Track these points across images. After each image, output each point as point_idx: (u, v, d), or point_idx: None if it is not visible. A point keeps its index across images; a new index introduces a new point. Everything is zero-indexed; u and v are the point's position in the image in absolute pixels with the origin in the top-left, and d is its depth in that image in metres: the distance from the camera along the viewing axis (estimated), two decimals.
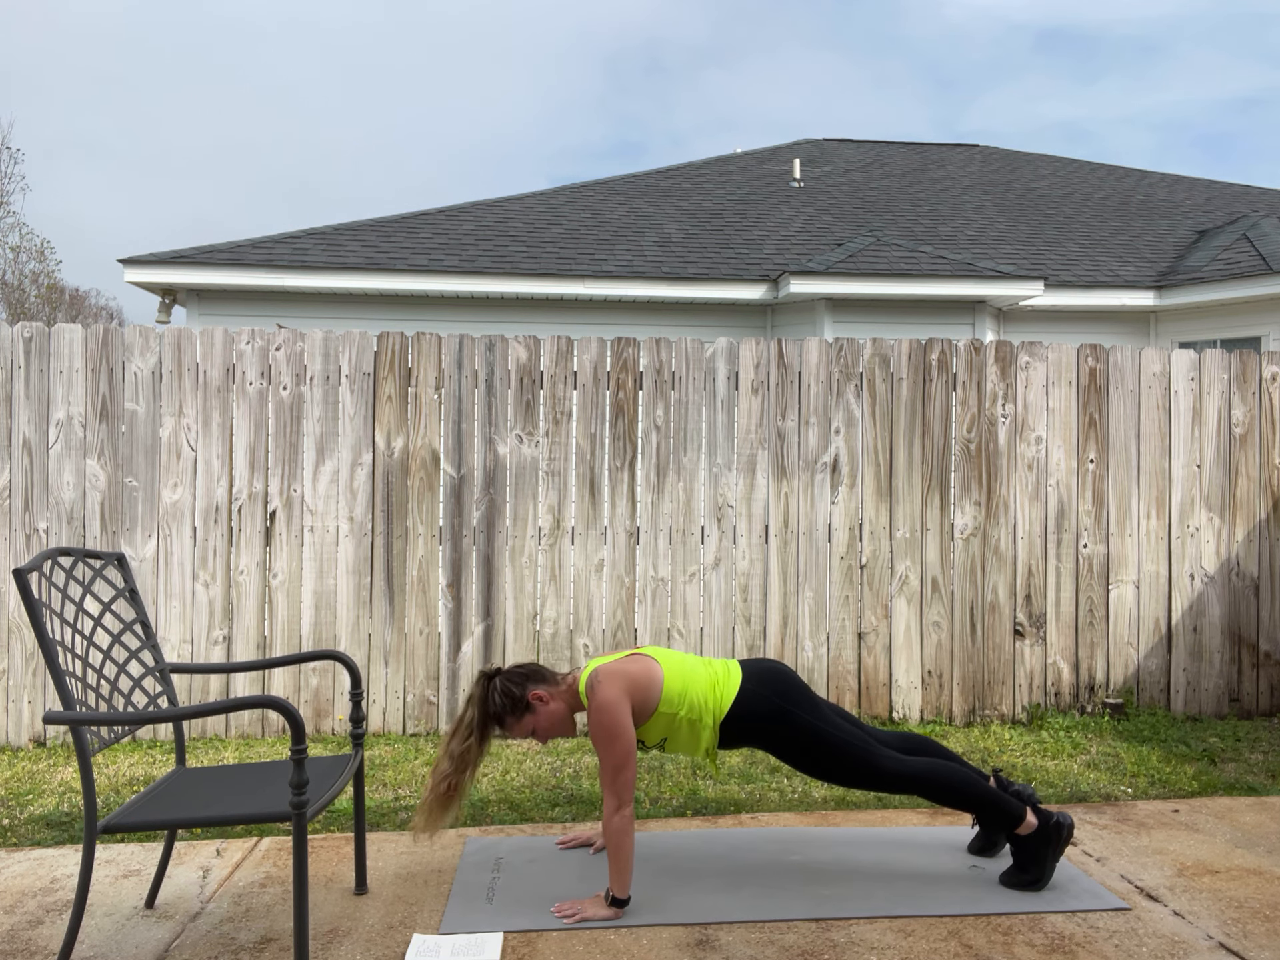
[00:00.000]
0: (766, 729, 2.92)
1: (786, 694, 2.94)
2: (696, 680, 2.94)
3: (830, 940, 2.67)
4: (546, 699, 2.92)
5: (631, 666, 2.90)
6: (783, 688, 2.96)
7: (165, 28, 69.43)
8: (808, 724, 2.91)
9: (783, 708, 2.92)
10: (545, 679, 2.96)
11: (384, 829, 3.52)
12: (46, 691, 4.57)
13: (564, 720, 2.95)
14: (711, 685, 2.94)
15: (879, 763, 2.92)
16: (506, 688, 2.89)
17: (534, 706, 2.91)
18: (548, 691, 2.93)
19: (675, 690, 2.90)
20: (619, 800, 2.74)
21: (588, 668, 2.97)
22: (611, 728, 2.77)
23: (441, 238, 8.95)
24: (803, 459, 4.92)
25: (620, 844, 2.74)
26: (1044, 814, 2.96)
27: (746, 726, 2.92)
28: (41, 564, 2.52)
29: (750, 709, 2.92)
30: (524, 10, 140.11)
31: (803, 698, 2.96)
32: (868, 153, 13.56)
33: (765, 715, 2.91)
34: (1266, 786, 3.99)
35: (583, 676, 2.94)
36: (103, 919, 2.82)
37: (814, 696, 3.00)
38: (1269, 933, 2.72)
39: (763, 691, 2.94)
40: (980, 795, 2.95)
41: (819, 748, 2.91)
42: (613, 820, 2.73)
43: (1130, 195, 11.82)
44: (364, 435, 4.73)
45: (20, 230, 28.17)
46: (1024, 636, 5.02)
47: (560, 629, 4.81)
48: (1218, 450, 5.16)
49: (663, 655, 3.01)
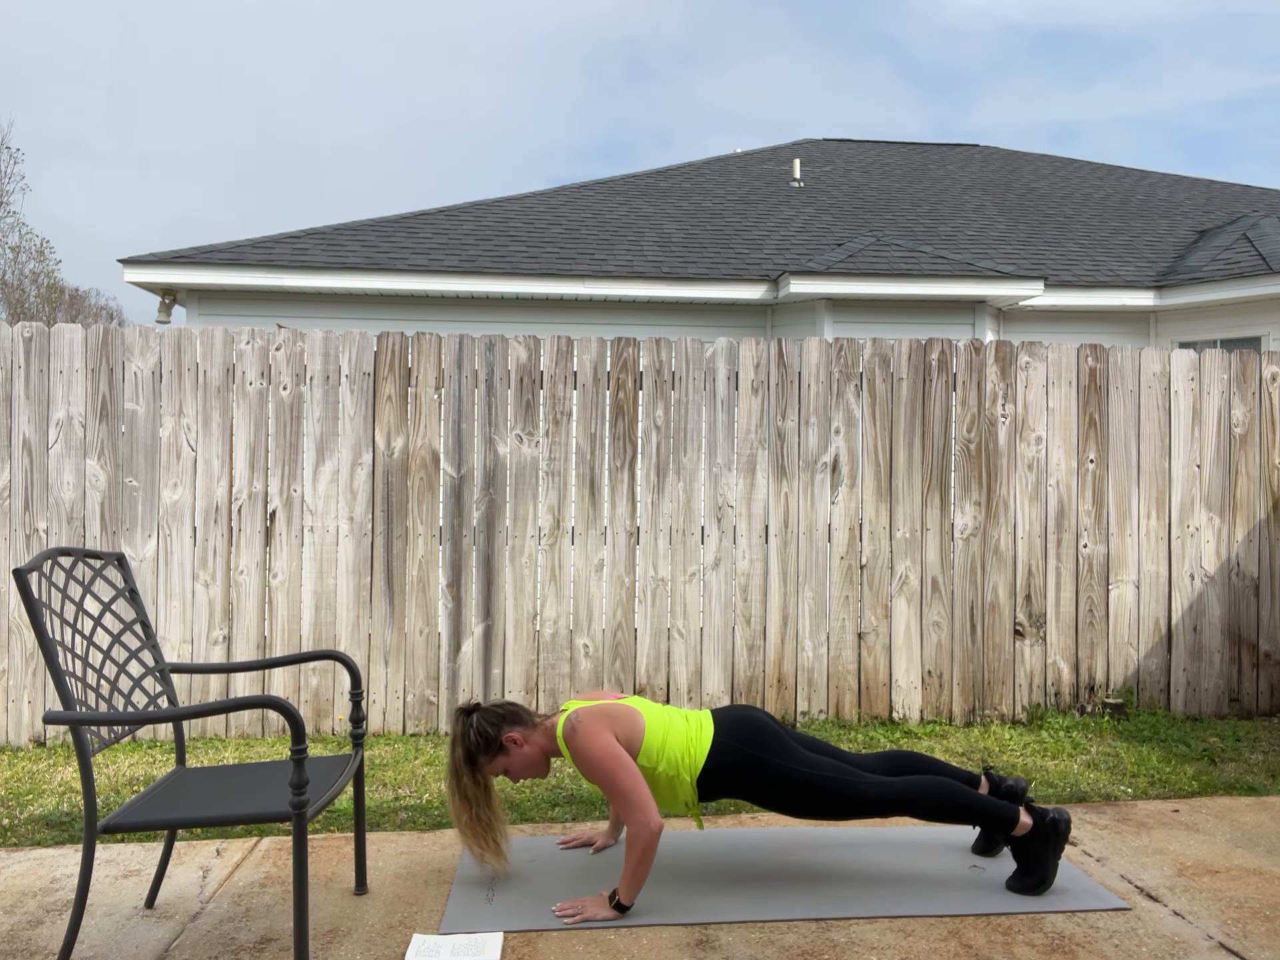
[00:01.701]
0: (743, 780, 2.91)
1: (759, 742, 2.94)
2: (675, 734, 2.94)
3: (830, 940, 2.67)
4: (521, 741, 2.94)
5: (614, 708, 2.92)
6: (754, 736, 2.95)
7: (152, 25, 69.51)
8: (783, 769, 2.90)
9: (755, 757, 2.91)
10: (521, 720, 2.98)
11: (384, 829, 3.52)
12: (46, 691, 4.57)
13: (537, 763, 2.98)
14: (687, 740, 2.93)
15: (862, 791, 2.91)
16: (482, 727, 2.93)
17: (507, 748, 2.94)
18: (522, 734, 2.96)
19: (656, 743, 2.90)
20: (646, 814, 2.73)
21: (565, 710, 2.98)
22: (603, 760, 2.77)
23: (441, 238, 8.95)
24: (803, 459, 4.92)
25: (644, 856, 2.74)
26: (1038, 812, 2.95)
27: (723, 780, 2.92)
28: (41, 564, 2.52)
29: (724, 762, 2.91)
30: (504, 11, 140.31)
31: (775, 742, 2.95)
32: (868, 153, 13.56)
33: (740, 766, 2.91)
34: (1266, 786, 3.99)
35: (560, 720, 2.94)
36: (103, 919, 2.82)
37: (786, 738, 2.99)
38: (1269, 933, 2.72)
39: (733, 743, 2.93)
40: (969, 806, 2.95)
41: (799, 790, 2.90)
42: (643, 832, 2.72)
43: (1130, 195, 11.82)
44: (364, 435, 4.73)
45: (20, 230, 28.20)
46: (1024, 636, 5.02)
47: (560, 629, 4.81)
48: (1218, 450, 5.16)
49: (645, 706, 3.00)
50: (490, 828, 2.95)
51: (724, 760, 2.91)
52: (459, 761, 2.93)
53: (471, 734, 2.93)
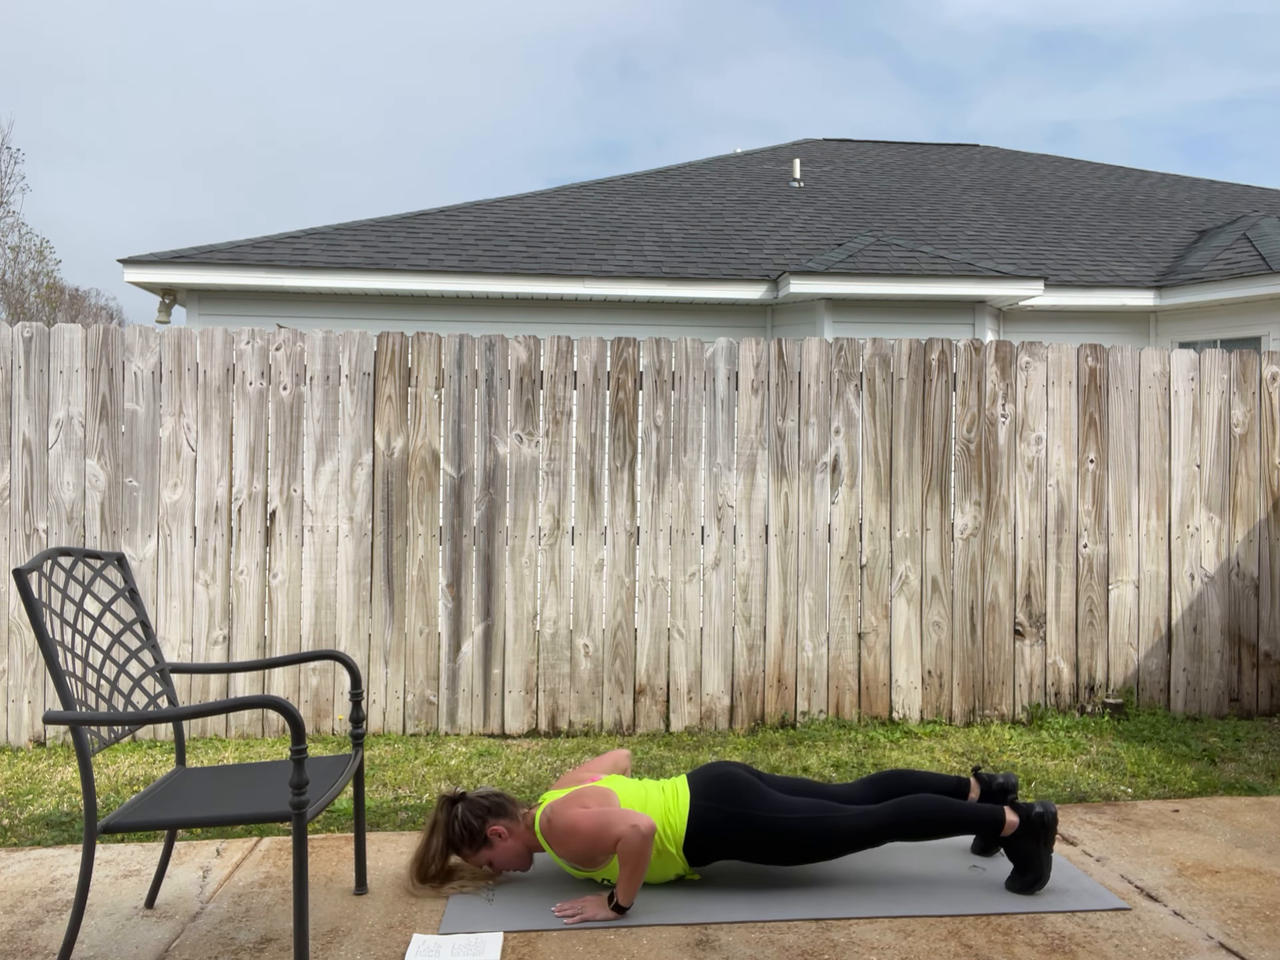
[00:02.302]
0: (727, 839, 2.91)
1: (735, 798, 2.93)
2: (652, 809, 2.93)
3: (830, 940, 2.67)
4: (505, 835, 2.95)
5: (587, 792, 2.92)
6: (729, 792, 2.94)
7: (140, 23, 69.50)
8: (763, 820, 2.89)
9: (733, 813, 2.90)
10: (507, 813, 2.98)
11: (384, 829, 3.52)
12: (46, 691, 4.57)
13: (520, 856, 2.99)
14: (665, 812, 2.93)
15: (845, 825, 2.91)
16: (467, 819, 2.93)
17: (491, 841, 2.95)
18: (507, 827, 2.96)
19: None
20: (633, 821, 2.73)
21: (541, 804, 2.98)
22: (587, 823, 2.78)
23: (441, 238, 8.95)
24: (803, 459, 4.92)
25: (640, 862, 2.74)
26: (1024, 809, 2.94)
27: (709, 842, 2.91)
28: (41, 564, 2.52)
29: (704, 825, 2.90)
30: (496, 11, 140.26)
31: (751, 795, 2.94)
32: (868, 153, 13.56)
33: (720, 826, 2.90)
34: (1266, 786, 3.99)
35: (536, 814, 2.94)
36: (103, 919, 2.82)
37: (762, 789, 2.97)
38: (1269, 933, 2.72)
39: (710, 804, 2.92)
40: (954, 818, 2.95)
41: (783, 839, 2.89)
42: (634, 839, 2.72)
43: (1130, 195, 11.82)
44: (364, 435, 4.73)
45: (20, 230, 28.19)
46: (1024, 636, 5.02)
47: (560, 629, 4.81)
48: (1218, 450, 5.16)
49: (620, 785, 3.00)
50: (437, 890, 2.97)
51: (704, 823, 2.90)
52: (435, 850, 2.93)
53: (457, 825, 2.92)
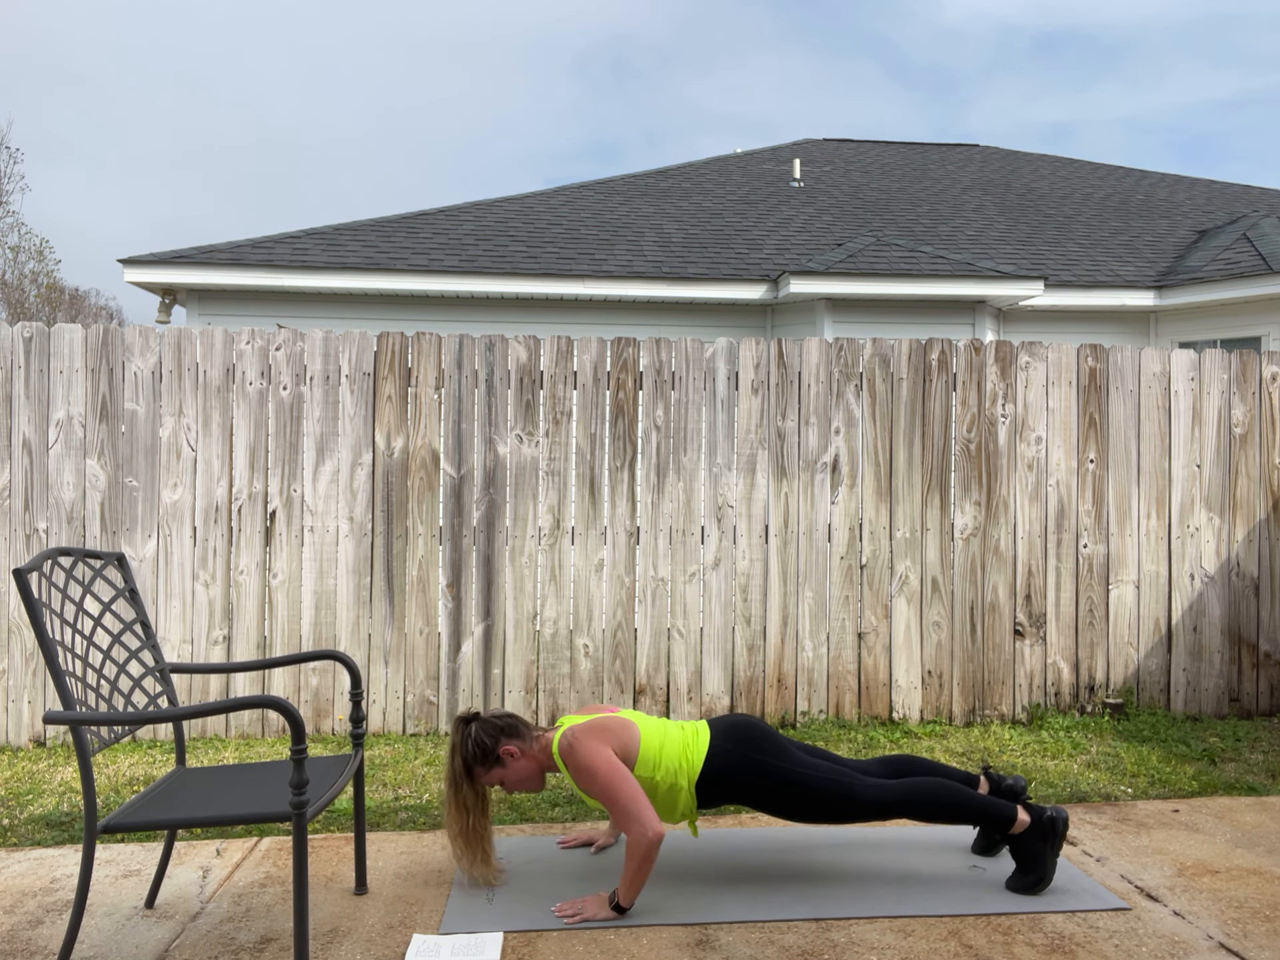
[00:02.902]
0: (742, 783, 2.92)
1: (755, 744, 2.95)
2: (670, 742, 2.95)
3: (830, 940, 2.67)
4: (517, 754, 2.95)
5: (608, 722, 2.93)
6: (750, 739, 2.97)
7: (138, 24, 69.47)
8: (782, 771, 2.91)
9: (752, 759, 2.92)
10: (519, 734, 2.98)
11: (384, 829, 3.52)
12: (46, 691, 4.57)
13: (532, 777, 2.99)
14: (683, 747, 2.95)
15: (860, 793, 2.92)
16: (480, 738, 2.93)
17: (504, 760, 2.95)
18: (519, 747, 2.96)
19: (652, 752, 2.91)
20: (645, 823, 2.73)
21: (560, 728, 2.99)
22: (602, 775, 2.78)
23: (441, 238, 8.95)
24: (803, 459, 4.92)
25: (645, 864, 2.74)
26: (1036, 810, 2.95)
27: (721, 784, 2.93)
28: (41, 564, 2.52)
29: (721, 765, 2.92)
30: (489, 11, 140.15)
31: (772, 746, 2.96)
32: (868, 153, 13.56)
33: (738, 770, 2.92)
34: (1266, 786, 3.99)
35: (555, 736, 2.95)
36: (103, 919, 2.82)
37: (783, 742, 3.00)
38: (1269, 933, 2.72)
39: (730, 746, 2.95)
40: (966, 805, 2.95)
41: (796, 792, 2.91)
42: (644, 840, 2.71)
43: (1130, 195, 11.82)
44: (364, 435, 4.73)
45: (19, 230, 28.19)
46: (1024, 636, 5.02)
47: (560, 629, 4.81)
48: (1218, 450, 5.16)
49: (639, 717, 3.02)
50: (482, 838, 2.97)
51: (722, 764, 2.92)
52: (458, 771, 2.94)
53: (470, 744, 2.93)
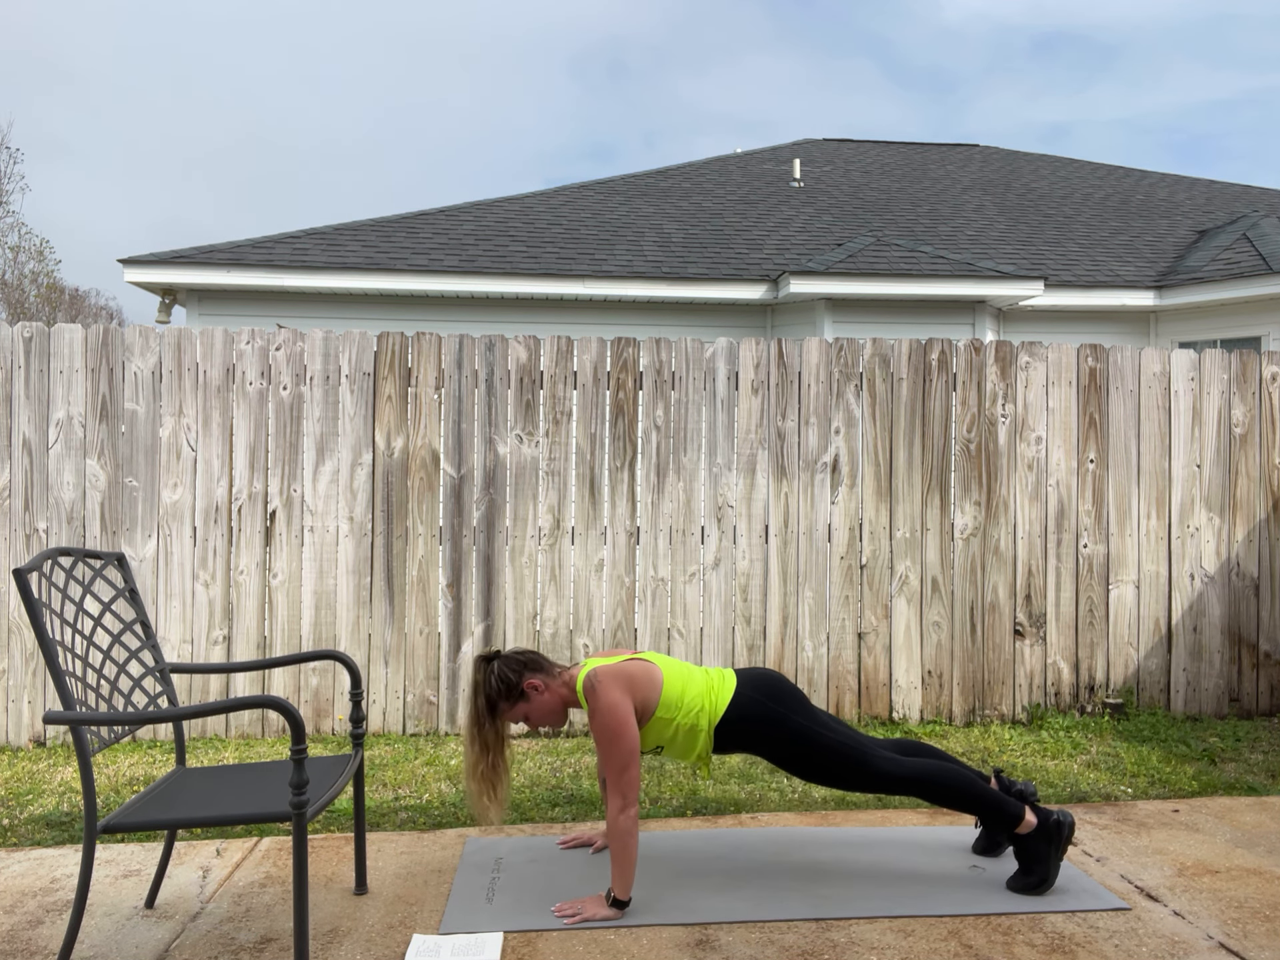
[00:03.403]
0: (761, 733, 2.94)
1: (781, 699, 2.97)
2: (694, 685, 2.96)
3: (830, 940, 2.67)
4: (541, 688, 2.94)
5: (633, 668, 2.92)
6: (777, 692, 2.99)
7: (136, 25, 69.40)
8: (802, 727, 2.93)
9: (777, 710, 2.94)
10: (542, 668, 2.98)
11: (384, 829, 3.52)
12: (46, 691, 4.57)
13: (556, 711, 2.98)
14: (707, 689, 2.97)
15: (875, 764, 2.93)
16: (503, 673, 2.92)
17: (528, 694, 2.93)
18: (543, 681, 2.95)
19: (674, 695, 2.92)
20: (624, 800, 2.74)
21: (585, 666, 2.98)
22: (616, 728, 2.78)
23: (441, 238, 8.95)
24: (803, 459, 4.92)
25: (625, 845, 2.74)
26: (1043, 812, 2.96)
27: (741, 730, 2.94)
28: (41, 564, 2.52)
29: (745, 713, 2.94)
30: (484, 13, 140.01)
31: (796, 703, 2.99)
32: (868, 153, 13.56)
33: (759, 719, 2.93)
34: (1266, 786, 3.99)
35: (580, 674, 2.94)
36: (103, 919, 2.82)
37: (808, 702, 3.03)
38: (1269, 933, 2.72)
39: (757, 696, 2.96)
40: (978, 796, 2.96)
41: (814, 751, 2.92)
42: (618, 821, 2.73)
43: (1130, 195, 11.82)
44: (364, 435, 4.73)
45: (20, 230, 28.18)
46: (1024, 636, 5.02)
47: (560, 629, 4.81)
48: (1218, 450, 5.16)
49: (663, 660, 3.03)
50: (499, 779, 2.93)
51: (745, 711, 2.94)
52: (480, 709, 2.90)
53: (493, 680, 2.90)
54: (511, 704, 2.93)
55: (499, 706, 2.92)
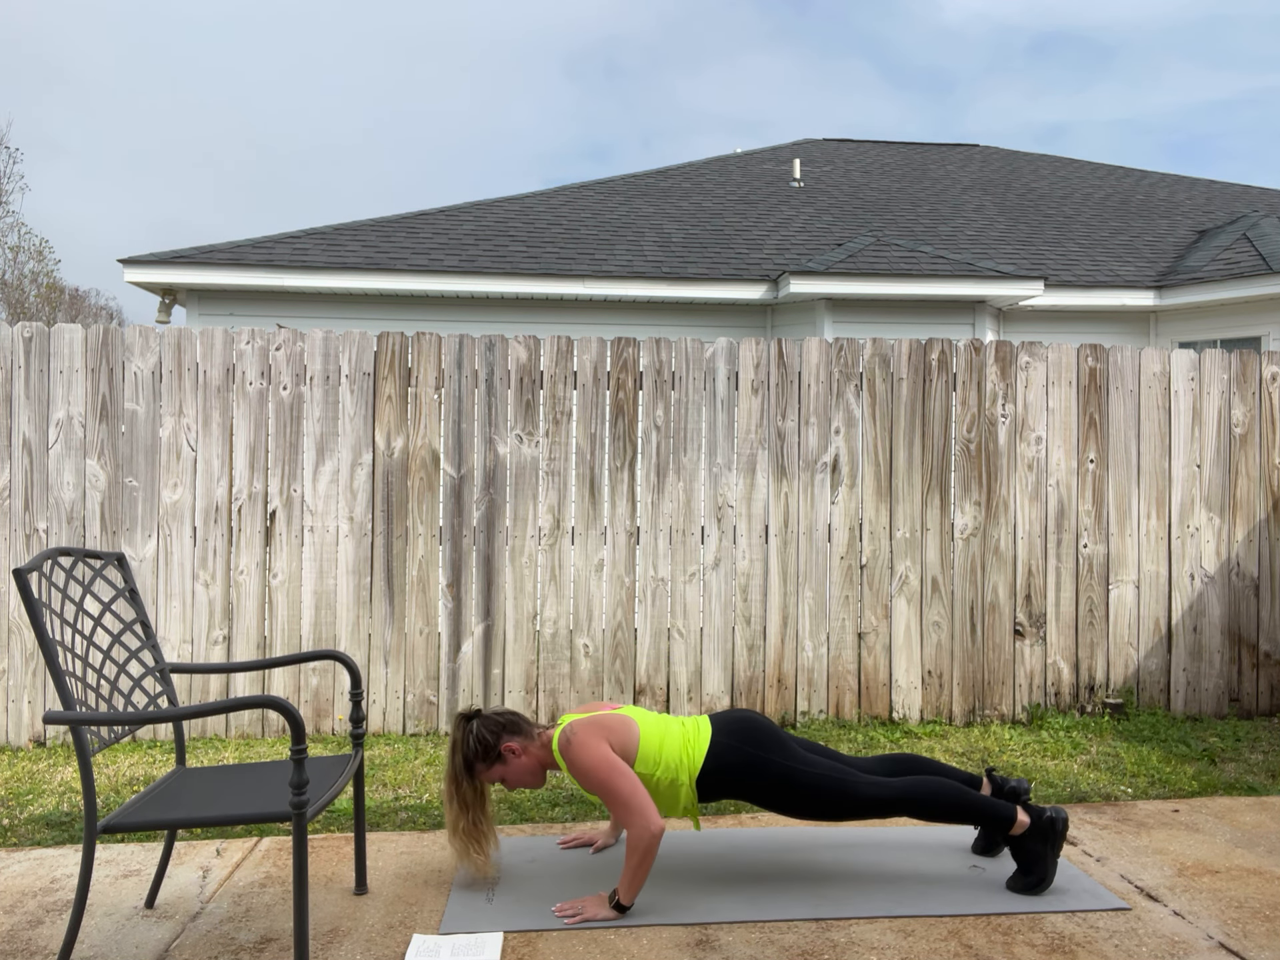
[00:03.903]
0: (743, 779, 2.93)
1: (757, 741, 2.96)
2: (670, 739, 2.95)
3: (830, 940, 2.67)
4: (519, 751, 2.96)
5: (607, 719, 2.93)
6: (752, 735, 2.97)
7: (134, 24, 69.36)
8: (782, 768, 2.92)
9: (756, 755, 2.93)
10: (521, 731, 2.99)
11: (384, 829, 3.52)
12: (46, 691, 4.57)
13: (533, 773, 3.00)
14: (684, 742, 2.95)
15: (859, 791, 2.92)
16: (481, 734, 2.94)
17: (505, 757, 2.95)
18: (521, 744, 2.97)
19: (652, 750, 2.91)
20: (646, 818, 2.74)
21: (560, 724, 2.99)
22: (605, 771, 2.79)
23: (441, 238, 8.95)
24: (803, 459, 4.92)
25: (646, 860, 2.75)
26: (1036, 811, 2.96)
27: (722, 779, 2.93)
28: (41, 564, 2.52)
29: (723, 762, 2.93)
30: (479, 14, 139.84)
31: (773, 741, 2.97)
32: (868, 153, 13.56)
33: (739, 766, 2.92)
34: (1266, 786, 3.99)
35: (555, 733, 2.95)
36: (103, 919, 2.82)
37: (785, 738, 3.01)
38: (1269, 933, 2.72)
39: (732, 742, 2.95)
40: (966, 805, 2.95)
41: (797, 789, 2.91)
42: (643, 838, 2.72)
43: (1130, 195, 11.82)
44: (364, 435, 4.73)
45: (20, 230, 28.17)
46: (1024, 636, 5.02)
47: (560, 629, 4.81)
48: (1218, 450, 5.16)
49: (638, 714, 3.02)
50: (483, 835, 2.97)
51: (723, 760, 2.93)
52: (458, 768, 2.94)
53: (471, 741, 2.94)
54: (488, 766, 2.95)
55: (475, 767, 2.95)
